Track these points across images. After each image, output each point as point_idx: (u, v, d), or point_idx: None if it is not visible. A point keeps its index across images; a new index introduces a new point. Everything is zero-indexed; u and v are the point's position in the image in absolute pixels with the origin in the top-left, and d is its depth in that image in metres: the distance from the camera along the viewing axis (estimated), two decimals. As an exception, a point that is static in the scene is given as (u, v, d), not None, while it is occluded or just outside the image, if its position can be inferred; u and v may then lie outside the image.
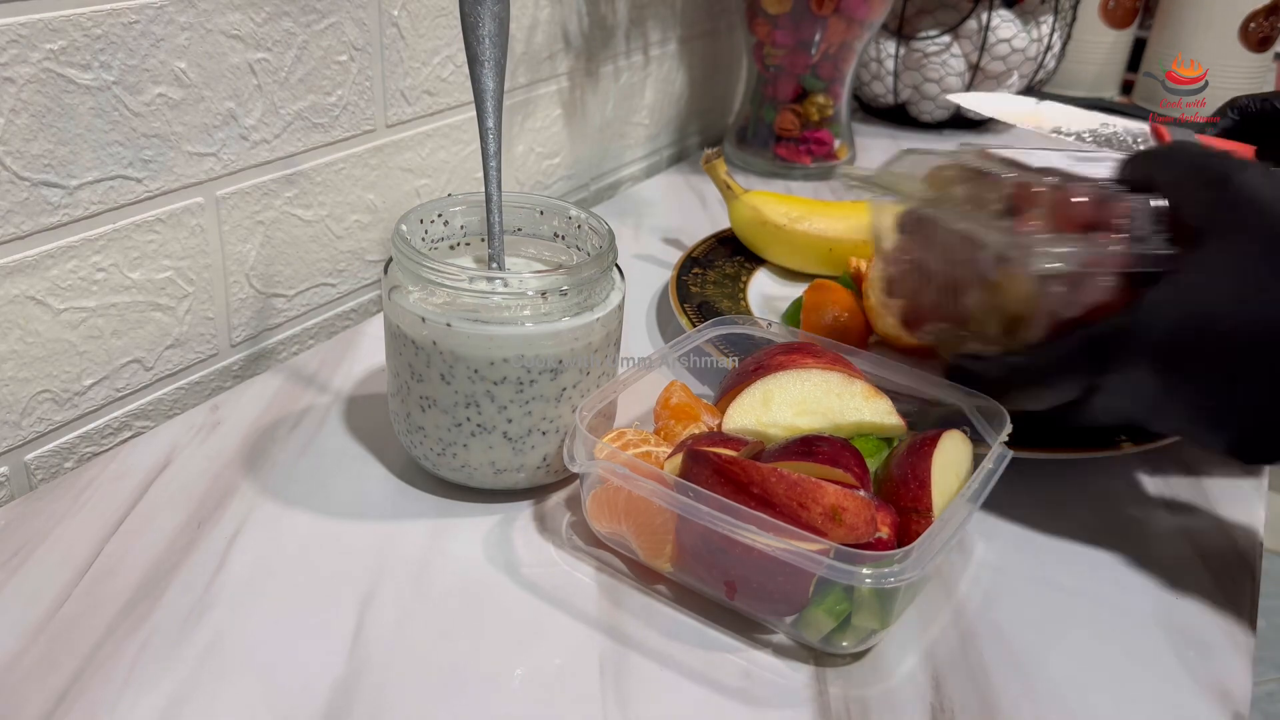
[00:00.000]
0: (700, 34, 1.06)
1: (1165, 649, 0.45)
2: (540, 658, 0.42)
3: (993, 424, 0.48)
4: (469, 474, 0.50)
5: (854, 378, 0.50)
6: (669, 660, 0.42)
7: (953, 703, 0.41)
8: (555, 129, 0.87)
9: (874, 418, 0.48)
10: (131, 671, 0.40)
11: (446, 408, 0.48)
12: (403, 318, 0.47)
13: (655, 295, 0.74)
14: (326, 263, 0.67)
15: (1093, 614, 0.47)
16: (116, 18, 0.50)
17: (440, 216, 0.53)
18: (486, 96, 0.48)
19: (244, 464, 0.52)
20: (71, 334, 0.53)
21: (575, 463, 0.46)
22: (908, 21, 1.16)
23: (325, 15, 0.61)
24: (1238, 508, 0.55)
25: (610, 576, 0.47)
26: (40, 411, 0.52)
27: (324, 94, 0.63)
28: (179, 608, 0.43)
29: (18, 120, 0.47)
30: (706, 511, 0.41)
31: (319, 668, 0.40)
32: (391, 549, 0.47)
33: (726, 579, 0.43)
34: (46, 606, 0.42)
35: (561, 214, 0.54)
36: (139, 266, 0.55)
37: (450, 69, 0.73)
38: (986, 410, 0.49)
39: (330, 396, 0.59)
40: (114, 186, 0.52)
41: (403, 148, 0.71)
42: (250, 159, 0.60)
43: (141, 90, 0.52)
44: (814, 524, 0.40)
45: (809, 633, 0.42)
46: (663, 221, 0.89)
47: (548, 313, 0.47)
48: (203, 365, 0.61)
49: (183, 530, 0.47)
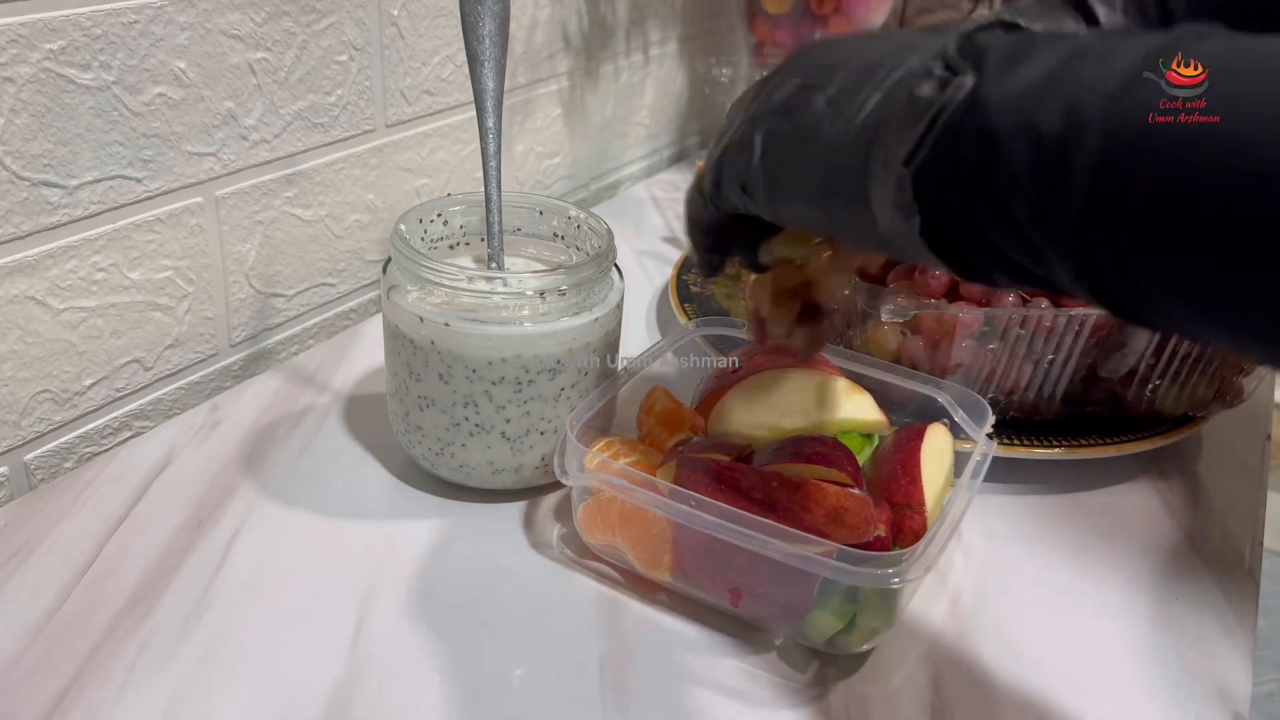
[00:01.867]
0: (700, 33, 1.06)
1: (1165, 649, 0.45)
2: (539, 657, 0.42)
3: (973, 416, 0.48)
4: (467, 474, 0.50)
5: (834, 375, 0.50)
6: (669, 659, 0.42)
7: (953, 703, 0.41)
8: (555, 129, 0.87)
9: (857, 414, 0.48)
10: (131, 672, 0.40)
11: (445, 407, 0.48)
12: (401, 317, 0.47)
13: (655, 295, 0.74)
14: (326, 262, 0.67)
15: (1093, 614, 0.47)
16: (116, 17, 0.50)
17: (440, 216, 0.53)
18: (486, 96, 0.48)
19: (243, 464, 0.52)
20: (71, 334, 0.53)
21: (567, 475, 0.45)
22: (908, 21, 1.16)
23: (325, 15, 0.61)
24: (1238, 508, 0.55)
25: (610, 576, 0.47)
26: (40, 411, 0.52)
27: (324, 94, 0.63)
28: (178, 608, 0.43)
29: (17, 120, 0.47)
30: (709, 519, 0.41)
31: (318, 668, 0.40)
32: (390, 548, 0.47)
33: (730, 586, 0.43)
34: (46, 607, 0.42)
35: (561, 214, 0.54)
36: (138, 266, 0.55)
37: (450, 69, 0.73)
38: (966, 402, 0.49)
39: (329, 396, 0.59)
40: (114, 186, 0.52)
41: (402, 147, 0.71)
42: (250, 159, 0.60)
43: (141, 90, 0.52)
44: (816, 526, 0.40)
45: (814, 635, 0.42)
46: (662, 221, 0.89)
47: (546, 312, 0.47)
48: (202, 365, 0.61)
49: (182, 530, 0.47)
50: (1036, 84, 0.28)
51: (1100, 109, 0.26)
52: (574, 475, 0.45)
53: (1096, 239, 0.26)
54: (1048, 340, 0.54)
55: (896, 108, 0.31)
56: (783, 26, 0.95)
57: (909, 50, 0.32)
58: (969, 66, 0.29)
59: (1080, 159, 0.26)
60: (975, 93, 0.29)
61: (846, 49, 0.35)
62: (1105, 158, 0.26)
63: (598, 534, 0.46)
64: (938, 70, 0.30)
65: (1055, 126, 0.27)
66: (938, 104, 0.29)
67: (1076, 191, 0.26)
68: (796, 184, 0.35)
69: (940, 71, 0.30)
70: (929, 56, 0.31)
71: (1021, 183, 0.27)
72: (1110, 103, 0.26)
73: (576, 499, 0.47)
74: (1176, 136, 0.25)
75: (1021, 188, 0.27)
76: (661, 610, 0.45)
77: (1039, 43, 0.29)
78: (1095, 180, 0.26)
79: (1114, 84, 0.26)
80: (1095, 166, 0.26)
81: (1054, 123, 0.27)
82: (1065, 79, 0.27)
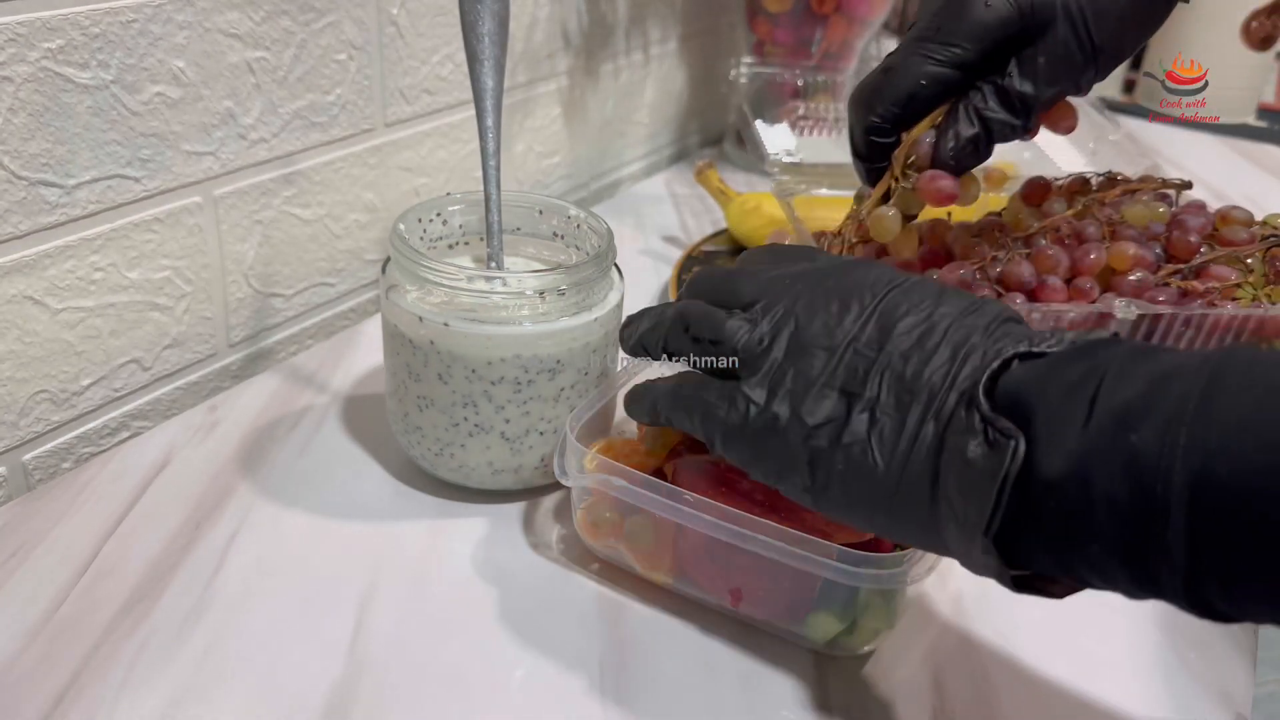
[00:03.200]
0: (700, 32, 1.06)
1: (1167, 650, 0.44)
2: (539, 658, 0.42)
3: None
4: (466, 474, 0.50)
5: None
6: (669, 660, 0.42)
7: (953, 704, 0.41)
8: (555, 128, 0.87)
9: None
10: (130, 672, 0.39)
11: (444, 408, 0.48)
12: (400, 317, 0.47)
13: (655, 295, 0.74)
14: (325, 262, 0.67)
15: (1093, 614, 0.46)
16: (114, 16, 0.50)
17: (439, 215, 0.53)
18: (486, 95, 0.48)
19: (242, 464, 0.52)
20: (69, 334, 0.53)
21: (567, 476, 0.45)
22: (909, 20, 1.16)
23: (324, 14, 0.61)
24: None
25: (609, 576, 0.46)
26: (38, 412, 0.52)
27: (322, 93, 0.63)
28: (177, 608, 0.43)
29: (15, 119, 0.47)
30: (709, 520, 0.41)
31: (317, 668, 0.40)
32: (390, 549, 0.47)
33: (731, 587, 0.43)
34: (44, 607, 0.42)
35: (561, 213, 0.54)
36: (137, 266, 0.55)
37: (449, 67, 0.72)
38: None
39: (329, 397, 0.59)
40: (112, 186, 0.52)
41: (401, 147, 0.71)
42: (248, 158, 0.59)
43: (139, 89, 0.52)
44: (819, 527, 0.40)
45: (815, 636, 0.42)
46: (662, 221, 0.89)
47: (546, 312, 0.47)
48: (201, 365, 0.61)
49: (181, 531, 0.47)
50: (1094, 443, 0.29)
51: (1175, 465, 0.27)
52: (574, 476, 0.44)
53: (1206, 576, 0.27)
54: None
55: (954, 467, 0.32)
56: (783, 25, 0.95)
57: (926, 352, 0.34)
58: (1012, 426, 0.31)
59: (1173, 512, 0.27)
60: (1033, 457, 0.30)
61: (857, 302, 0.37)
62: (1195, 507, 0.27)
63: (597, 535, 0.46)
64: (978, 424, 0.31)
65: (1125, 487, 0.28)
66: (999, 476, 0.30)
67: (1175, 546, 0.27)
68: (853, 503, 0.36)
69: (981, 428, 0.31)
70: (961, 393, 0.33)
71: (1106, 536, 0.29)
72: (1185, 455, 0.27)
73: (576, 499, 0.46)
74: (1259, 484, 0.26)
75: (1107, 540, 0.29)
76: (661, 611, 0.45)
77: (1074, 391, 0.30)
78: (1192, 533, 0.27)
79: (1176, 435, 0.27)
80: (1189, 513, 0.27)
81: (1123, 482, 0.28)
82: (1119, 440, 0.28)
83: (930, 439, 0.33)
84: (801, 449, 0.36)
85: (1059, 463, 0.29)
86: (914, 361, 0.34)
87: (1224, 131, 1.18)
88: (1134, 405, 0.29)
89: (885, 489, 0.34)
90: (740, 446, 0.38)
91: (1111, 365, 0.30)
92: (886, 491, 0.34)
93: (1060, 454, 0.30)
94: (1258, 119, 1.24)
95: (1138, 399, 0.29)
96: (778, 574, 0.41)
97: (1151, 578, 0.28)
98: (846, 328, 0.36)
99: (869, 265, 0.40)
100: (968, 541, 0.32)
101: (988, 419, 0.31)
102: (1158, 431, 0.28)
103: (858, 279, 0.38)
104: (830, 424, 0.35)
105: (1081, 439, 0.29)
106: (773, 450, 0.37)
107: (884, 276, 0.38)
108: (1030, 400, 0.31)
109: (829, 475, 0.36)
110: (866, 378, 0.35)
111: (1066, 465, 0.29)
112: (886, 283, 0.38)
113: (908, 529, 0.35)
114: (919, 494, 0.33)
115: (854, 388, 0.35)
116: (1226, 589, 0.27)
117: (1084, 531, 0.29)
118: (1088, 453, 0.29)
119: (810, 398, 0.36)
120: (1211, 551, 0.27)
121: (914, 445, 0.33)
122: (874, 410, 0.34)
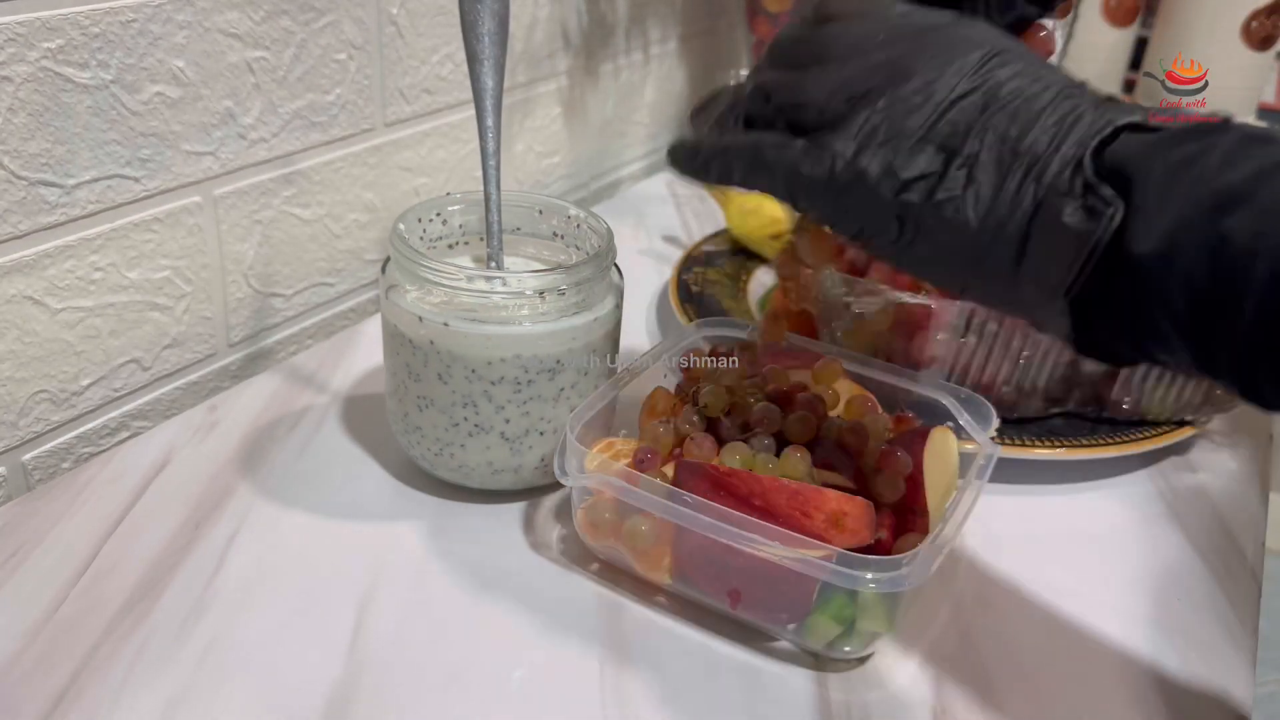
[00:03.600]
0: (700, 32, 1.06)
1: (1166, 650, 0.45)
2: (539, 658, 0.42)
3: (977, 419, 0.48)
4: (466, 474, 0.50)
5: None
6: (668, 661, 0.42)
7: (954, 705, 0.41)
8: (555, 128, 0.87)
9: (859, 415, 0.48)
10: (130, 672, 0.39)
11: (444, 408, 0.48)
12: (400, 317, 0.47)
13: (655, 295, 0.74)
14: (325, 262, 0.67)
15: (1093, 615, 0.46)
16: (114, 16, 0.50)
17: (439, 215, 0.53)
18: (486, 95, 0.48)
19: (242, 464, 0.52)
20: (69, 334, 0.53)
21: (567, 476, 0.45)
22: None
23: (323, 13, 0.61)
24: (1239, 508, 0.55)
25: (609, 577, 0.46)
26: (38, 412, 0.52)
27: (322, 93, 0.63)
28: (177, 608, 0.43)
29: (15, 119, 0.47)
30: (708, 522, 0.41)
31: (317, 668, 0.40)
32: (390, 549, 0.47)
33: (730, 589, 0.43)
34: (44, 607, 0.42)
35: (560, 213, 0.54)
36: (136, 266, 0.55)
37: (449, 67, 0.72)
38: (971, 404, 0.49)
39: (328, 396, 0.59)
40: (111, 185, 0.52)
41: (401, 146, 0.71)
42: (248, 158, 0.59)
43: (139, 89, 0.52)
44: (817, 531, 0.40)
45: (813, 639, 0.42)
46: (662, 220, 0.89)
47: (546, 312, 0.47)
48: (200, 365, 0.61)
49: (181, 531, 0.47)
50: (1186, 221, 0.29)
51: (1260, 256, 0.28)
52: (574, 476, 0.44)
53: (1263, 367, 0.28)
54: (1024, 336, 0.53)
55: (1045, 228, 0.32)
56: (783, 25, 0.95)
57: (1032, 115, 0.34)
58: (1114, 194, 0.31)
59: (1246, 301, 0.28)
60: (1126, 227, 0.31)
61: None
62: (1267, 302, 0.27)
63: (597, 535, 0.46)
64: (1079, 189, 0.31)
65: (1206, 269, 0.29)
66: (1090, 240, 0.31)
67: (1241, 336, 0.28)
68: (938, 259, 0.36)
69: (1081, 192, 0.31)
70: (1065, 158, 0.32)
71: (1178, 314, 0.30)
72: (1272, 249, 0.28)
73: (576, 499, 0.46)
74: None
75: (1178, 318, 0.30)
76: (661, 612, 0.45)
77: (1179, 169, 0.30)
78: (1261, 326, 0.28)
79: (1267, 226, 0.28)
80: (1259, 307, 0.28)
81: (1204, 264, 0.29)
82: (1212, 222, 0.29)
83: (1028, 202, 0.33)
84: (891, 203, 0.35)
85: (1149, 236, 0.30)
86: (1019, 123, 0.34)
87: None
88: (1235, 190, 0.29)
89: (974, 247, 0.34)
90: (824, 201, 0.37)
91: (1221, 147, 0.30)
92: (975, 249, 0.34)
93: (1152, 228, 0.30)
94: (1258, 119, 1.24)
95: (1241, 184, 0.29)
96: (776, 577, 0.41)
97: (1212, 360, 0.29)
98: (949, 81, 0.35)
99: (970, 23, 0.38)
100: (1047, 301, 0.32)
101: (1090, 184, 0.31)
102: (1252, 220, 0.28)
103: (960, 36, 0.37)
104: (925, 180, 0.35)
105: (1176, 216, 0.29)
106: (859, 204, 0.36)
107: (989, 36, 0.37)
108: (1133, 173, 0.31)
109: (917, 230, 0.35)
110: (968, 135, 0.34)
111: (1155, 240, 0.30)
112: (991, 43, 0.36)
113: (989, 286, 0.35)
114: (1006, 253, 0.33)
115: (953, 144, 0.34)
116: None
117: (1158, 305, 0.30)
118: (1178, 229, 0.29)
119: (905, 151, 0.35)
120: (1276, 350, 0.27)
121: (1011, 206, 0.33)
122: (972, 168, 0.34)
